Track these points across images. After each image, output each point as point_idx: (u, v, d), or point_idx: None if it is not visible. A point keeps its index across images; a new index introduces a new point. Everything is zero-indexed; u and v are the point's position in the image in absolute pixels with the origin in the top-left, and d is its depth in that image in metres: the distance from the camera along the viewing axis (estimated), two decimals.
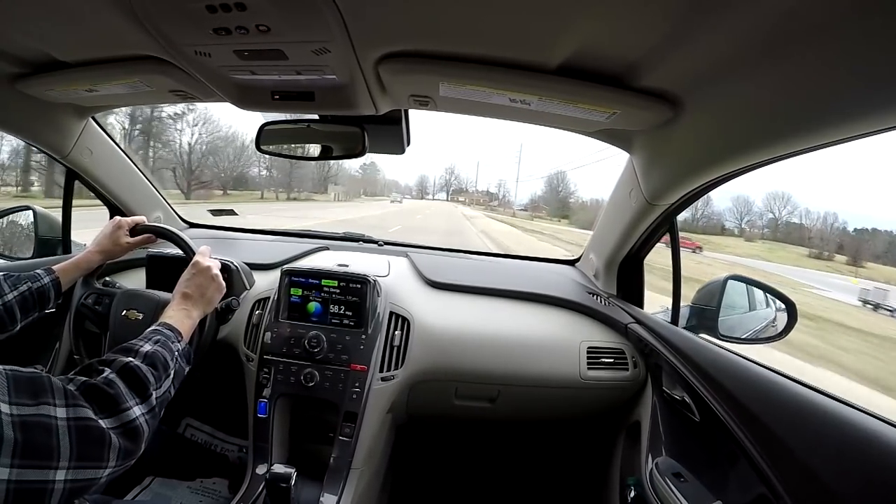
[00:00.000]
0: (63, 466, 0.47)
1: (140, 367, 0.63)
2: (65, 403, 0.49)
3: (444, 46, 0.67)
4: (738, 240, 32.02)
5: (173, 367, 0.71)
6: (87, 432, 0.50)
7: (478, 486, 1.58)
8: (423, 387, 1.13)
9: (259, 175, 29.63)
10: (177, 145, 22.18)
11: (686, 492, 0.81)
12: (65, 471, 0.47)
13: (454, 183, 71.30)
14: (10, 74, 0.93)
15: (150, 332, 0.74)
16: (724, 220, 38.43)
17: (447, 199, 66.81)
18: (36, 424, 0.46)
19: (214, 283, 0.92)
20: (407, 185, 78.00)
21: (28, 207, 1.37)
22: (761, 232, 36.61)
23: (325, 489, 0.96)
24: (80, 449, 0.49)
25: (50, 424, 0.47)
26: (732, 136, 0.73)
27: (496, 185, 73.51)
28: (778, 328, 1.07)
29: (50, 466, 0.46)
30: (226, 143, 24.67)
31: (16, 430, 0.43)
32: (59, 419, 0.48)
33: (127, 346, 0.68)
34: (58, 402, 0.49)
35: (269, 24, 0.61)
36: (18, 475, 0.43)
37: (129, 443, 0.56)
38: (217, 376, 1.26)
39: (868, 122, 0.55)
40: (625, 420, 1.21)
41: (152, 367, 0.66)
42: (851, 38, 0.46)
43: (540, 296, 1.28)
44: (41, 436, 0.46)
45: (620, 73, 0.69)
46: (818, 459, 0.59)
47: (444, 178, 72.21)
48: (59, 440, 0.47)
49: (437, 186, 75.32)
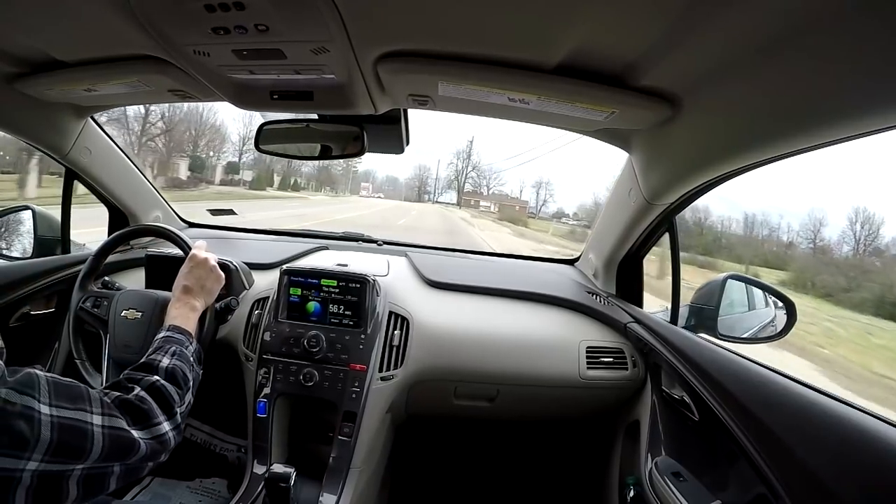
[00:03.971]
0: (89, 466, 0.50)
1: (166, 385, 0.66)
2: (101, 412, 0.52)
3: (443, 46, 0.67)
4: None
5: (192, 377, 0.74)
6: (119, 440, 0.53)
7: (477, 485, 1.58)
8: (422, 386, 1.12)
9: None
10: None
11: (685, 491, 0.81)
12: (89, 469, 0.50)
13: (471, 178, 45.33)
14: (8, 74, 0.93)
15: (164, 342, 0.76)
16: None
17: (455, 204, 42.61)
18: (72, 427, 0.48)
19: (213, 274, 0.93)
20: (389, 177, 54.13)
21: (27, 207, 1.36)
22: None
23: (324, 489, 0.96)
24: (111, 454, 0.52)
25: (86, 429, 0.49)
26: (731, 136, 0.73)
27: (536, 185, 44.42)
28: (777, 327, 1.07)
29: (76, 465, 0.48)
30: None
31: (53, 431, 0.45)
32: (94, 425, 0.50)
33: (147, 363, 0.70)
34: (94, 410, 0.51)
35: (267, 23, 0.61)
36: (45, 468, 0.45)
37: (157, 450, 0.60)
38: (216, 376, 1.25)
39: (866, 122, 0.55)
40: (624, 419, 1.21)
41: (176, 385, 0.69)
42: (850, 37, 0.46)
43: (539, 295, 1.28)
44: (76, 438, 0.48)
45: (619, 73, 0.69)
46: (817, 459, 0.59)
47: (455, 170, 45.98)
48: (92, 444, 0.49)
49: (444, 183, 49.63)
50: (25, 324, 1.20)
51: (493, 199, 43.29)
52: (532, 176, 66.42)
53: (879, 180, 49.56)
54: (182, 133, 21.95)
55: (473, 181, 46.78)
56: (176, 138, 21.16)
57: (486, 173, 48.09)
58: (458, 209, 37.44)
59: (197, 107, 21.74)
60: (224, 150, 25.11)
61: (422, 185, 51.25)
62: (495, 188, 47.23)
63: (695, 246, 16.10)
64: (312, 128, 1.10)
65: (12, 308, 1.16)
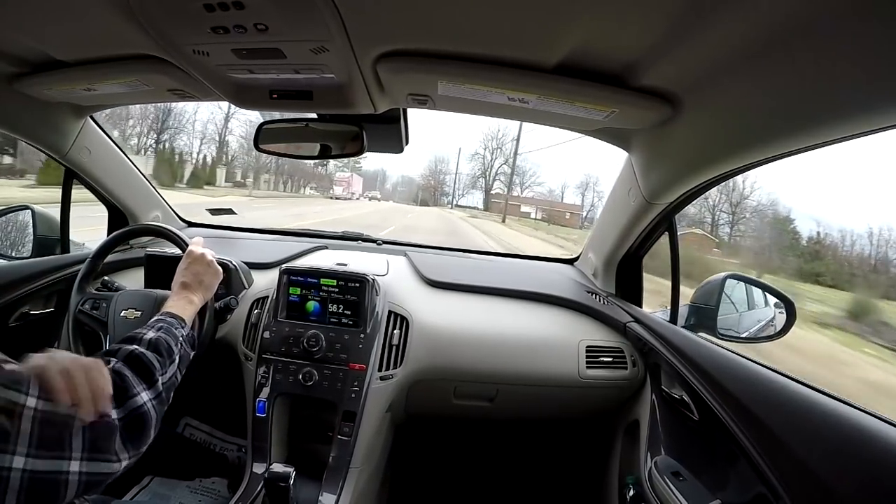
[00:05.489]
0: (76, 458, 0.48)
1: (145, 353, 0.65)
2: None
3: (442, 45, 0.67)
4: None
5: (178, 352, 0.72)
6: (95, 426, 0.52)
7: (477, 485, 1.58)
8: (421, 386, 1.13)
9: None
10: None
11: (685, 490, 0.81)
12: (78, 462, 0.48)
13: (502, 175, 34.42)
14: (7, 74, 0.93)
15: (153, 321, 0.75)
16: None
17: (481, 208, 32.69)
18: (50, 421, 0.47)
19: (210, 269, 0.93)
20: (382, 172, 43.31)
21: (27, 207, 1.36)
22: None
23: (323, 488, 0.96)
24: (92, 443, 0.50)
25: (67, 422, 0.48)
26: (731, 135, 0.73)
27: (581, 186, 35.17)
28: (776, 327, 1.07)
29: (63, 457, 0.47)
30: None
31: (34, 425, 0.45)
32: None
33: (131, 336, 0.69)
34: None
35: (267, 22, 0.61)
36: (33, 465, 0.44)
37: (137, 431, 0.58)
38: (216, 376, 1.26)
39: (865, 122, 0.55)
40: (624, 419, 1.21)
41: (157, 354, 0.67)
42: (849, 38, 0.46)
43: (539, 295, 1.28)
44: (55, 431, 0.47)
45: (619, 72, 0.69)
46: (817, 458, 0.59)
47: (485, 162, 34.59)
48: (71, 437, 0.48)
49: (468, 181, 37.77)
50: (24, 324, 1.20)
51: (535, 203, 32.60)
52: (570, 171, 46.28)
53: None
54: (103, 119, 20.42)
55: (507, 178, 34.39)
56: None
57: (524, 168, 35.42)
58: (498, 222, 24.86)
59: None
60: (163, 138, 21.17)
61: (437, 186, 39.28)
62: (532, 187, 36.57)
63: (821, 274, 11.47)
64: (312, 127, 1.10)
65: (11, 308, 1.15)
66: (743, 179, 23.57)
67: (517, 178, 34.12)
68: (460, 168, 38.68)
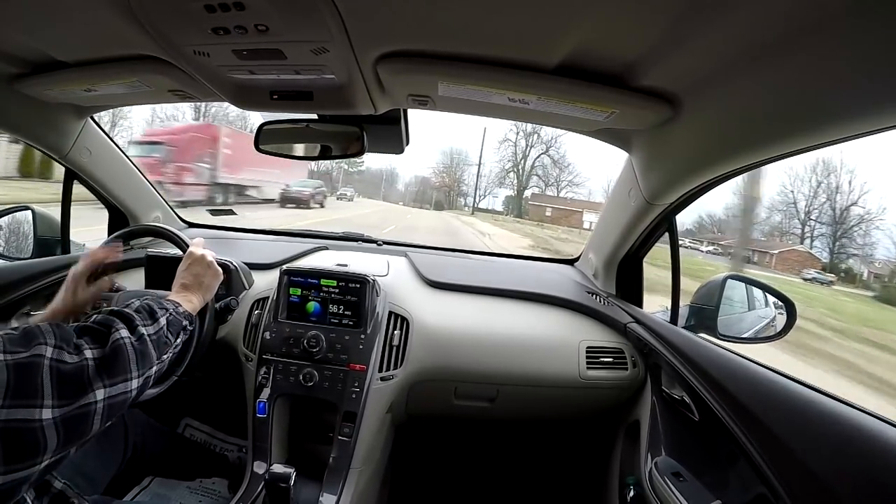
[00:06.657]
0: (48, 405, 0.48)
1: (124, 310, 0.66)
2: (54, 344, 0.52)
3: (442, 46, 0.67)
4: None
5: (163, 315, 0.72)
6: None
7: (477, 485, 1.58)
8: (422, 386, 1.13)
9: None
10: None
11: (685, 491, 0.81)
12: (50, 410, 0.48)
13: (540, 164, 26.73)
14: (8, 74, 0.93)
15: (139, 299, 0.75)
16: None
17: (515, 214, 25.78)
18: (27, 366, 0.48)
19: (210, 270, 0.93)
20: (417, 177, 35.83)
21: (27, 207, 1.36)
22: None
23: (324, 489, 0.96)
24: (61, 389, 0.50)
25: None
26: (731, 136, 0.73)
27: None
28: (777, 327, 1.07)
29: (35, 405, 0.47)
30: None
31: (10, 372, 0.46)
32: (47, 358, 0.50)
33: (111, 309, 0.68)
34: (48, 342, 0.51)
35: (267, 23, 0.61)
36: (8, 414, 0.45)
37: (110, 360, 0.57)
38: (216, 376, 1.26)
39: (866, 122, 0.55)
40: (624, 419, 1.21)
41: (139, 314, 0.67)
42: (849, 38, 0.46)
43: (539, 295, 1.28)
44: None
45: (619, 73, 0.69)
46: (817, 458, 0.59)
47: (513, 154, 26.83)
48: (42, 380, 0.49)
49: (495, 177, 30.11)
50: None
51: (591, 208, 25.52)
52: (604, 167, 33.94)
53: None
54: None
55: (546, 173, 25.68)
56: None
57: (562, 163, 26.36)
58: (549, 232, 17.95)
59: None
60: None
61: (452, 184, 29.32)
62: (568, 189, 28.28)
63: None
64: (312, 128, 1.10)
65: (12, 308, 1.15)
66: (850, 180, 18.97)
67: (559, 174, 24.72)
68: (484, 159, 30.63)
